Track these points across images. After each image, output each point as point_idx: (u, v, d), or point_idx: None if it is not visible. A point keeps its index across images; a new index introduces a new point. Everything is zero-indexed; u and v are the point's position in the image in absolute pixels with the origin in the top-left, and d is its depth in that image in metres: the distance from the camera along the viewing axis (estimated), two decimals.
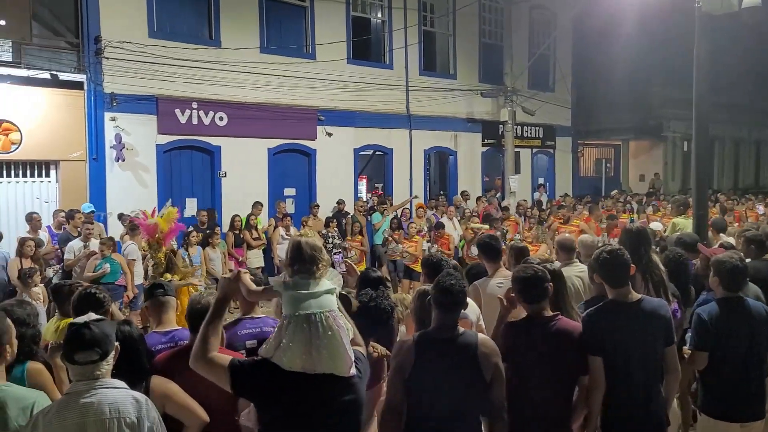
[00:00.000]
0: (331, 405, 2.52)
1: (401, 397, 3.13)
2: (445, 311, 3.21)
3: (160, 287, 3.72)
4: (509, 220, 12.97)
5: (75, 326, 2.51)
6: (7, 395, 2.59)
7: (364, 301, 3.41)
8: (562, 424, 3.46)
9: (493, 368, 3.14)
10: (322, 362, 2.44)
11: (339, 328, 2.49)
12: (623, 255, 3.65)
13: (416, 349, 3.14)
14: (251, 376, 2.51)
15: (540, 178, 20.41)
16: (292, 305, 2.49)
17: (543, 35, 19.54)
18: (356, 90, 14.71)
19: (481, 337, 3.27)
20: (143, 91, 11.77)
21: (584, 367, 3.47)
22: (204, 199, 12.88)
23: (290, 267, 2.60)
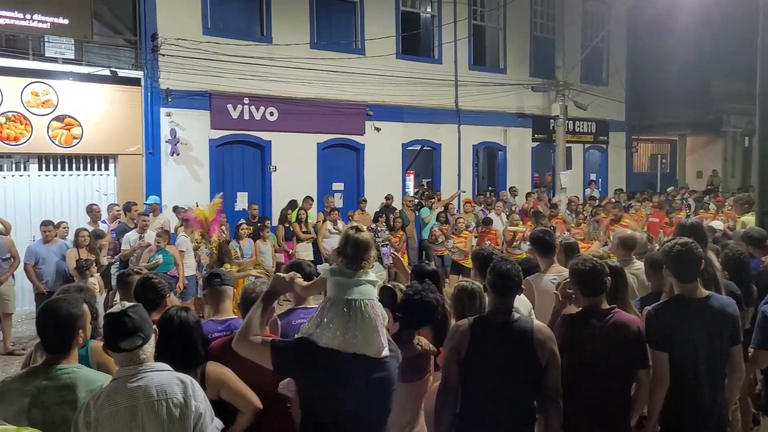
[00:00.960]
0: (363, 381, 2.64)
1: (457, 378, 3.17)
2: (501, 295, 3.23)
3: (217, 277, 3.80)
4: (557, 217, 12.75)
5: (113, 316, 2.58)
6: (78, 377, 2.69)
7: (409, 294, 3.42)
8: (619, 418, 3.40)
9: (548, 354, 3.14)
10: (357, 344, 2.60)
11: (376, 316, 2.65)
12: (696, 249, 3.54)
13: (471, 332, 3.17)
14: (291, 353, 2.67)
15: (592, 174, 19.99)
16: (336, 290, 2.66)
17: (596, 28, 19.11)
18: (405, 85, 14.72)
19: (536, 323, 3.27)
20: (197, 87, 12.07)
21: (642, 360, 3.41)
22: (254, 193, 13.12)
23: (339, 256, 2.74)
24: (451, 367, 3.17)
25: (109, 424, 2.46)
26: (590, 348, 3.35)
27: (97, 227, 9.40)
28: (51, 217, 9.56)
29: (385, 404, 2.75)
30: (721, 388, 3.51)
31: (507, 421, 3.13)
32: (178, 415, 2.52)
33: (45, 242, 8.63)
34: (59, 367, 2.69)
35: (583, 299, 3.49)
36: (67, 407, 2.58)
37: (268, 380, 2.98)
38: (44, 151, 10.77)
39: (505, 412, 3.12)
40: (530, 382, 3.16)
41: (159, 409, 2.50)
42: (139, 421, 2.48)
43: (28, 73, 10.51)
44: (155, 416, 2.50)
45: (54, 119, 10.71)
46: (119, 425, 2.47)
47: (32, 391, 2.61)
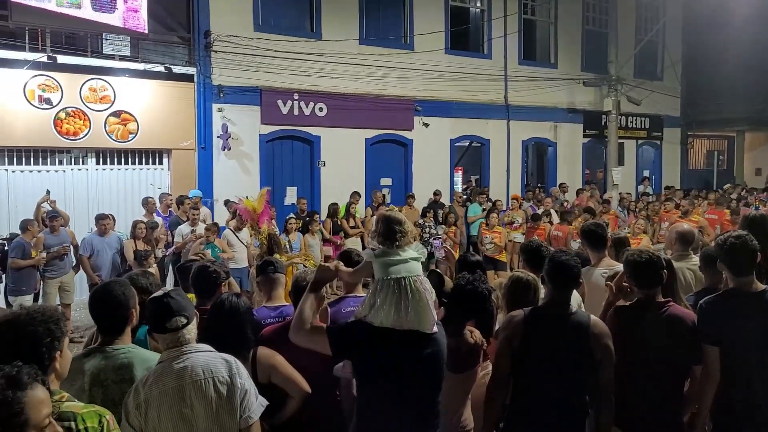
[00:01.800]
0: (416, 357, 2.68)
1: (508, 370, 3.15)
2: (559, 288, 3.20)
3: (271, 264, 3.88)
4: (609, 213, 12.48)
5: (157, 299, 2.68)
6: (134, 356, 2.79)
7: (461, 285, 3.40)
8: (672, 414, 3.33)
9: (603, 349, 3.10)
10: (410, 320, 2.65)
11: (425, 291, 2.69)
12: (752, 241, 3.43)
13: (526, 323, 3.14)
14: (348, 337, 2.73)
15: (645, 170, 19.49)
16: (384, 270, 2.70)
17: (651, 21, 18.61)
18: (453, 80, 14.62)
19: (593, 317, 3.22)
20: (248, 83, 12.24)
21: (697, 356, 3.32)
22: (303, 187, 13.24)
23: (378, 237, 2.82)
24: (504, 358, 3.16)
25: (159, 405, 2.53)
26: (644, 340, 3.29)
27: (152, 219, 9.61)
28: (107, 210, 9.84)
29: (438, 378, 2.79)
30: None
31: (557, 414, 3.09)
32: (225, 393, 2.59)
33: (100, 235, 8.87)
34: (115, 347, 2.79)
35: (638, 292, 3.43)
36: (126, 385, 2.67)
37: (319, 366, 3.03)
38: (101, 145, 11.09)
39: (556, 405, 3.08)
40: (583, 377, 3.13)
41: (206, 388, 2.57)
42: (187, 400, 2.55)
43: (86, 70, 10.84)
44: (203, 395, 2.56)
45: (111, 115, 11.02)
46: (169, 405, 2.53)
47: (92, 370, 2.70)
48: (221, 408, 2.58)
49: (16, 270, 8.11)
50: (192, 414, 2.56)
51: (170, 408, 2.53)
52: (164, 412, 2.53)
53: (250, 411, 2.64)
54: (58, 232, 8.60)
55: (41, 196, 9.30)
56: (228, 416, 2.60)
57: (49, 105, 10.47)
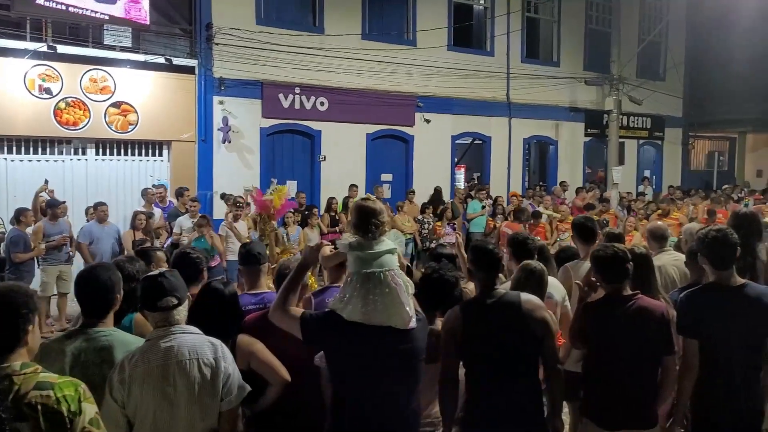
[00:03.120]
0: (389, 352, 2.69)
1: (456, 365, 3.19)
2: (486, 273, 3.25)
3: (253, 255, 3.86)
4: (608, 212, 12.48)
5: (151, 277, 2.74)
6: (115, 339, 2.82)
7: (427, 274, 3.46)
8: (645, 406, 3.35)
9: (540, 322, 3.14)
10: (378, 315, 2.65)
11: (397, 286, 2.68)
12: (732, 235, 3.47)
13: (463, 316, 3.17)
14: (319, 326, 2.75)
15: (646, 170, 19.46)
16: (357, 264, 2.71)
17: (654, 21, 18.58)
18: (456, 77, 14.59)
19: (523, 295, 3.26)
20: (249, 76, 12.22)
21: (667, 346, 3.35)
22: (304, 181, 13.22)
23: (353, 227, 2.81)
24: (450, 354, 3.19)
25: (143, 382, 2.57)
26: (614, 333, 3.33)
27: (151, 210, 9.60)
28: (106, 200, 9.80)
29: (414, 374, 2.79)
30: (755, 379, 3.43)
31: (511, 397, 3.12)
32: (208, 375, 2.63)
33: (99, 222, 8.85)
34: (97, 329, 2.82)
35: (606, 286, 3.47)
36: (106, 367, 2.70)
37: (300, 354, 3.02)
38: (101, 136, 11.08)
39: (510, 388, 3.12)
40: (529, 355, 3.17)
41: (190, 369, 2.61)
42: (171, 379, 2.59)
43: (87, 60, 10.83)
44: (186, 375, 2.60)
45: (111, 105, 11.00)
46: (152, 383, 2.57)
47: (73, 351, 2.74)
48: (203, 390, 2.62)
49: (18, 263, 8.12)
50: (174, 393, 2.59)
51: (153, 386, 2.58)
52: (147, 389, 2.57)
53: (231, 395, 2.69)
54: (57, 221, 8.59)
55: (39, 185, 9.28)
56: (209, 398, 2.64)
57: (49, 95, 10.46)
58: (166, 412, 2.58)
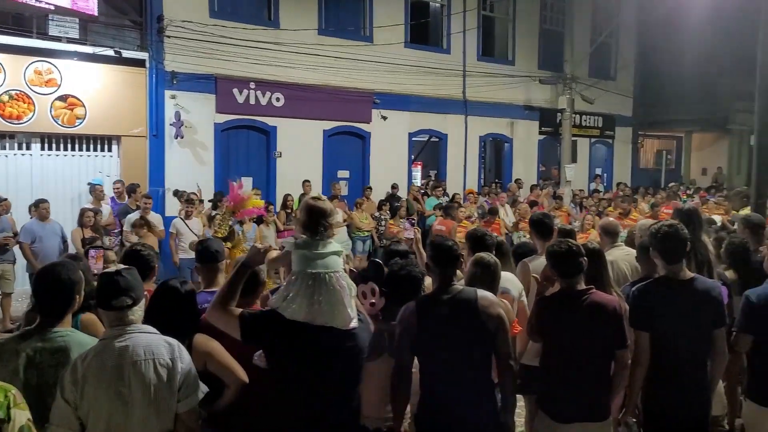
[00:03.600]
0: (330, 352, 2.69)
1: (409, 359, 3.19)
2: (444, 270, 3.24)
3: (210, 252, 3.78)
4: (561, 210, 12.68)
5: (108, 274, 2.65)
6: (72, 340, 2.75)
7: (394, 270, 3.45)
8: (598, 399, 3.41)
9: (495, 319, 3.15)
10: (322, 316, 2.65)
11: (341, 288, 2.69)
12: (683, 230, 3.57)
13: (418, 311, 3.17)
14: (259, 325, 2.72)
15: (597, 168, 19.91)
16: (301, 263, 2.70)
17: (606, 22, 18.96)
18: (413, 74, 14.60)
19: (480, 291, 3.27)
20: (203, 70, 11.96)
21: (620, 339, 3.40)
22: (259, 178, 13.02)
23: (301, 226, 2.79)
24: (404, 349, 3.18)
25: (96, 383, 2.48)
26: (568, 328, 3.38)
27: (99, 207, 9.31)
28: (53, 197, 9.49)
29: (354, 374, 2.79)
30: (703, 371, 3.53)
31: (465, 393, 3.13)
32: (165, 376, 2.56)
33: (41, 220, 8.54)
34: (54, 330, 2.74)
35: (560, 281, 3.52)
36: (62, 369, 2.61)
37: None
38: (47, 130, 10.68)
39: (464, 384, 3.13)
40: (483, 351, 3.18)
41: (146, 369, 2.53)
42: (126, 380, 2.51)
43: (31, 52, 10.42)
44: (142, 376, 2.52)
45: (57, 99, 10.61)
46: (106, 384, 2.49)
47: (28, 352, 2.66)
48: (159, 391, 2.55)
49: None
50: (129, 394, 2.51)
51: (107, 386, 2.49)
52: (101, 390, 2.49)
53: (188, 397, 2.62)
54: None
55: None
56: (165, 400, 2.56)
57: None
58: (120, 414, 2.50)
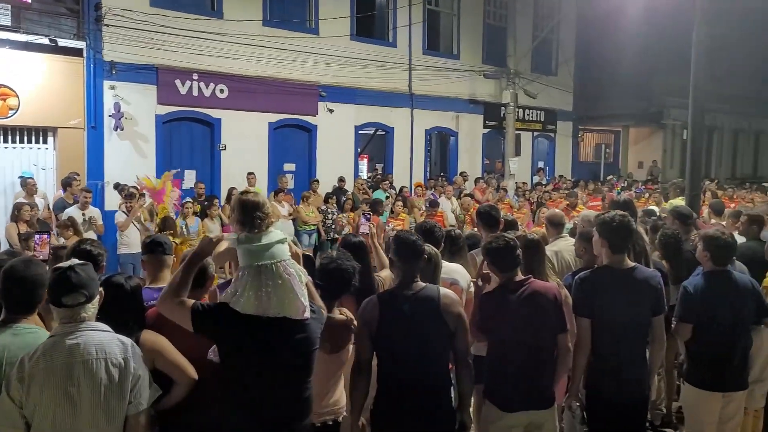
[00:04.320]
0: (284, 343, 2.69)
1: (369, 354, 3.22)
2: (407, 265, 3.27)
3: (160, 245, 3.70)
4: (503, 202, 12.91)
5: (60, 270, 2.54)
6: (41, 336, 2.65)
7: (324, 263, 3.46)
8: (543, 387, 3.50)
9: (455, 318, 3.21)
10: (273, 306, 2.64)
11: (290, 276, 2.67)
12: (631, 222, 3.71)
13: (380, 305, 3.20)
14: (211, 318, 2.69)
15: (540, 161, 20.39)
16: (247, 257, 2.68)
17: (547, 19, 19.40)
18: (359, 67, 14.61)
19: (442, 289, 3.32)
20: (143, 60, 11.67)
21: (560, 324, 3.51)
22: (203, 171, 12.82)
23: (238, 223, 2.75)
24: (363, 342, 3.21)
25: (43, 381, 2.41)
26: (510, 319, 3.44)
27: (32, 201, 8.99)
28: None
29: (307, 365, 2.79)
30: (642, 355, 3.69)
31: (421, 388, 3.17)
32: (116, 376, 2.50)
33: None
34: (22, 325, 2.67)
35: (499, 275, 3.58)
36: None
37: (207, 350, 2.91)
38: None
39: (421, 379, 3.17)
40: (441, 348, 3.23)
41: (97, 368, 2.46)
42: (75, 379, 2.44)
43: None
44: (92, 375, 2.46)
45: None
46: (54, 382, 2.42)
47: None
48: (110, 391, 2.48)
49: None
50: (78, 394, 2.44)
51: (55, 385, 2.42)
52: (48, 388, 2.41)
53: (140, 398, 2.56)
54: None
55: None
56: (116, 401, 2.50)
57: None
58: (67, 414, 2.42)
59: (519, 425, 3.46)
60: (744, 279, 4.06)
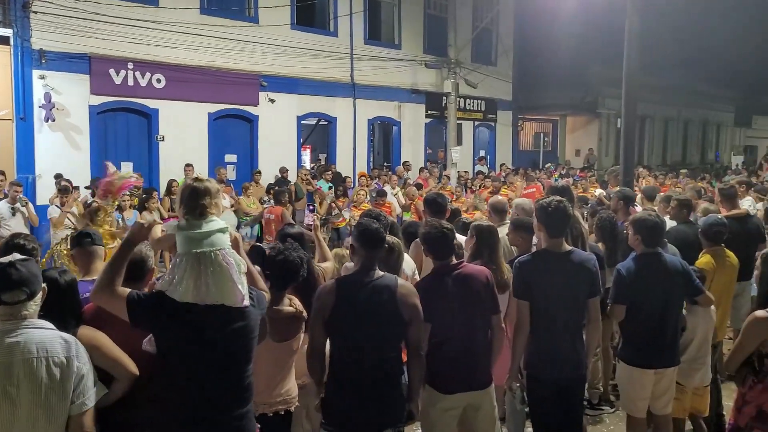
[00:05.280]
0: (222, 331, 2.64)
1: (323, 339, 3.23)
2: (368, 253, 3.28)
3: (87, 236, 3.59)
4: (445, 190, 13.10)
5: (1, 266, 2.44)
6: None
7: (271, 255, 3.46)
8: (480, 368, 3.60)
9: (410, 309, 3.24)
10: (211, 294, 2.59)
11: (228, 265, 2.63)
12: (568, 207, 3.82)
13: (337, 291, 3.21)
14: (147, 307, 2.62)
15: (481, 150, 20.71)
16: (186, 244, 2.62)
17: (486, 9, 19.65)
18: (300, 56, 14.49)
19: (399, 279, 3.36)
20: (75, 48, 11.26)
21: (493, 306, 3.62)
22: (140, 163, 12.46)
23: (183, 208, 2.71)
24: (317, 327, 3.22)
25: None
26: (444, 302, 3.52)
27: None
28: None
29: (246, 353, 2.76)
30: (579, 336, 3.82)
31: (373, 376, 3.20)
32: (58, 375, 2.42)
33: None
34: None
35: (435, 262, 3.66)
36: None
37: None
38: None
39: (372, 367, 3.20)
40: (395, 337, 3.27)
41: (38, 368, 2.38)
42: (14, 378, 2.35)
43: None
44: (33, 375, 2.38)
45: None
46: None
47: None
48: (51, 391, 2.40)
49: None
50: (17, 394, 2.36)
51: None
52: None
53: (84, 397, 2.48)
54: None
55: None
56: (58, 401, 2.42)
57: None
58: (5, 414, 2.34)
59: (458, 407, 3.54)
60: (674, 261, 4.22)
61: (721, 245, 4.91)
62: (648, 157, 27.06)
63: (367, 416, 3.18)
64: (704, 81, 30.19)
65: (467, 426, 3.64)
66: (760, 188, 10.21)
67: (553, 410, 3.79)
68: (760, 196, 9.25)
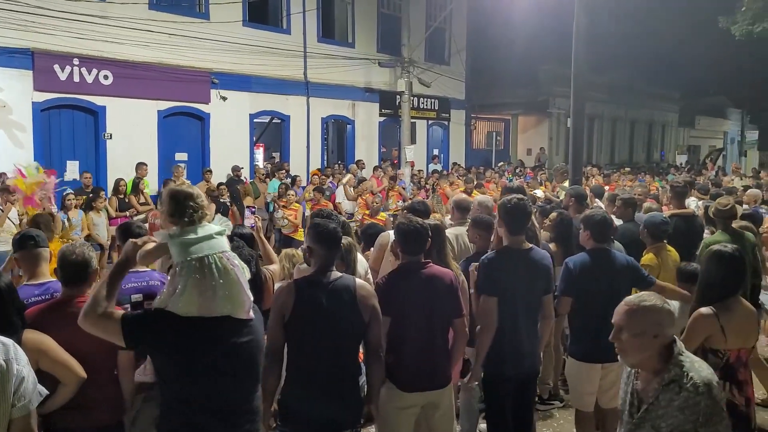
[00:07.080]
0: (230, 348, 2.48)
1: (282, 341, 3.17)
2: (326, 253, 3.24)
3: (31, 239, 3.49)
4: (393, 190, 13.13)
5: None
6: None
7: None
8: (439, 367, 3.61)
9: (370, 310, 3.22)
10: (219, 304, 2.40)
11: (234, 268, 2.45)
12: (529, 205, 3.92)
13: (296, 291, 3.17)
14: (145, 327, 2.44)
15: (435, 149, 20.87)
16: (183, 252, 2.41)
17: (439, 9, 19.81)
18: (252, 54, 14.32)
19: (358, 280, 3.35)
20: (17, 43, 10.90)
21: (457, 309, 3.63)
22: (87, 161, 12.14)
23: (170, 218, 2.52)
24: (276, 328, 3.17)
25: None
26: (407, 300, 3.53)
27: None
28: None
29: (255, 369, 2.62)
30: (534, 330, 3.94)
31: (330, 377, 3.18)
32: None
33: None
34: None
35: (403, 256, 3.65)
36: None
37: (93, 348, 2.81)
38: None
39: (331, 368, 3.17)
40: (354, 339, 3.25)
41: None
42: None
43: None
44: None
45: None
46: None
47: None
48: None
49: None
50: None
51: None
52: None
53: (26, 400, 2.39)
54: None
55: None
56: None
57: None
58: None
59: (416, 405, 3.55)
60: (620, 256, 4.37)
61: (664, 242, 5.08)
62: (597, 156, 27.74)
63: (325, 417, 3.15)
64: (650, 82, 31.20)
65: (426, 425, 3.64)
66: (701, 187, 10.57)
67: (509, 406, 3.89)
68: (701, 195, 9.58)
